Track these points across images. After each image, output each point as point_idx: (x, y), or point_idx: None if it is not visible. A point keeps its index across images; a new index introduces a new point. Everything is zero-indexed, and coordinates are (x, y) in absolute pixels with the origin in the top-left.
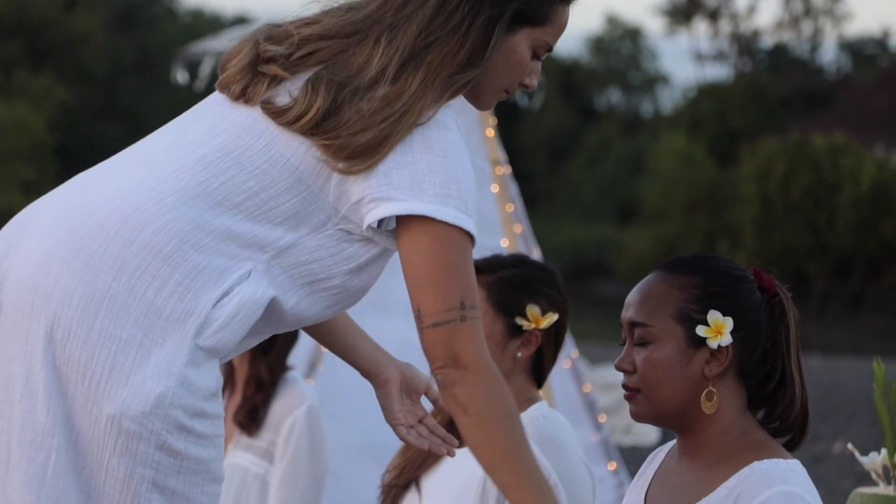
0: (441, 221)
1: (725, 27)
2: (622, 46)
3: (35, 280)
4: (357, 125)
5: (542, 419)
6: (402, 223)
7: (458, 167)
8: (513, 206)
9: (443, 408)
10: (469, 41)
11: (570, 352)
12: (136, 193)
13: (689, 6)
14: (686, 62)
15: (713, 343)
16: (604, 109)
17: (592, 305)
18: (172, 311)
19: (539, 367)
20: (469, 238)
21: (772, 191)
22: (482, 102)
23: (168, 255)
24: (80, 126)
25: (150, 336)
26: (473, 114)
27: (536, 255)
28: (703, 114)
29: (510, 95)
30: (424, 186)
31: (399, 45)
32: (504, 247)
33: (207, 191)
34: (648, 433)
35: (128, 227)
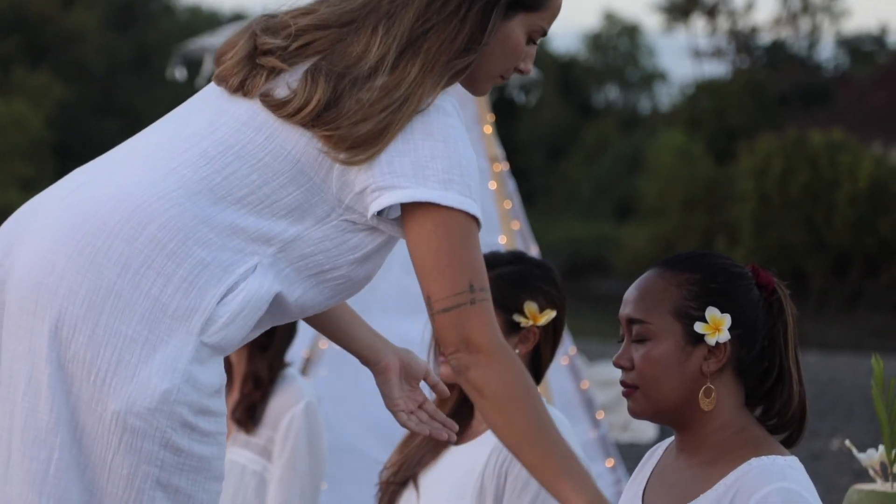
0: (445, 206)
1: (723, 24)
2: (620, 43)
3: (39, 278)
4: (357, 115)
5: None
6: (407, 210)
7: (460, 152)
8: (510, 203)
9: (443, 393)
10: (466, 27)
11: (568, 348)
12: (139, 189)
13: (687, 3)
14: (684, 59)
15: (711, 340)
16: (602, 106)
17: (590, 302)
18: (178, 308)
19: (537, 364)
20: (474, 221)
21: (770, 188)
22: (478, 88)
23: (172, 252)
24: (78, 123)
25: (156, 332)
26: (471, 111)
27: (534, 252)
28: (701, 111)
29: (505, 81)
30: (427, 173)
31: (396, 34)
32: (502, 244)
33: (210, 186)
34: (646, 430)
35: (131, 224)
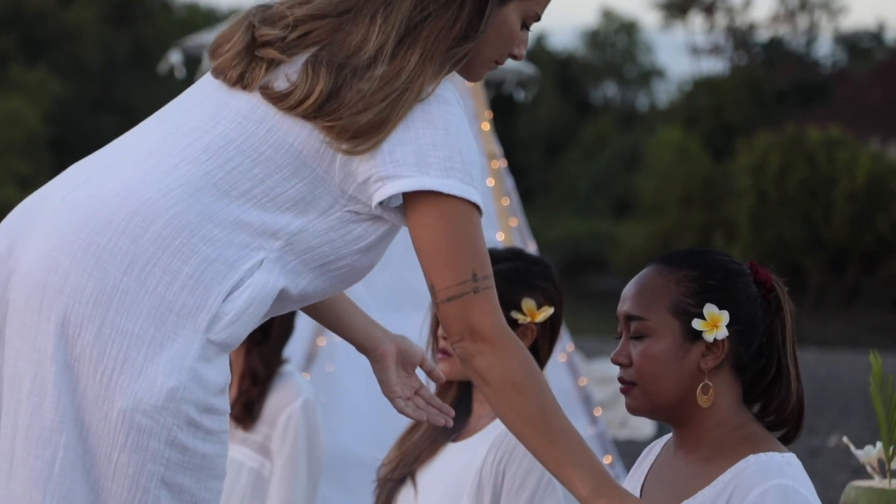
0: (447, 195)
1: (721, 21)
2: (618, 40)
3: (44, 276)
4: (359, 105)
5: None
6: (409, 199)
7: (461, 140)
8: (508, 200)
9: (438, 378)
10: (464, 14)
11: (566, 346)
12: (143, 186)
13: (685, 0)
14: (682, 56)
15: (709, 337)
16: (599, 103)
17: (588, 299)
18: (184, 306)
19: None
20: (476, 209)
21: (767, 184)
22: (473, 74)
23: (178, 249)
24: (75, 119)
25: (162, 330)
26: (469, 108)
27: (532, 249)
28: (699, 108)
29: (499, 65)
30: (429, 161)
31: (395, 22)
32: (500, 240)
33: (213, 181)
34: (644, 427)
35: (136, 221)
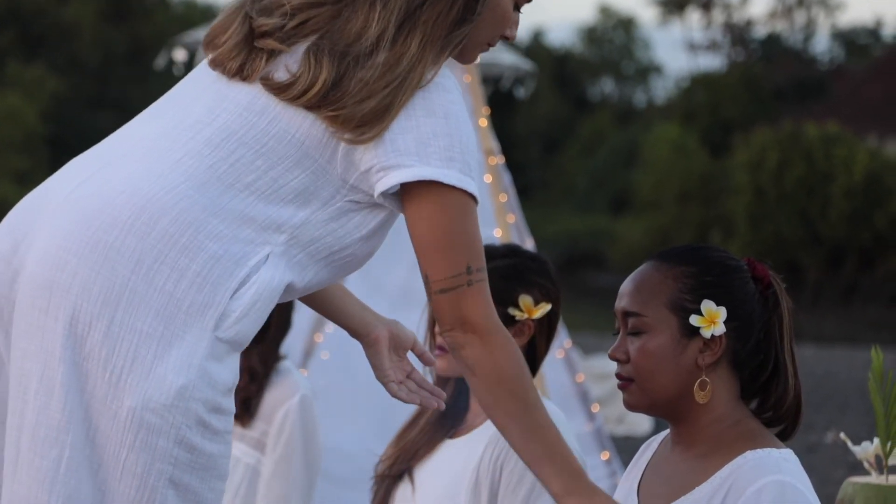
0: (446, 185)
1: (718, 17)
2: (615, 36)
3: (50, 275)
4: (362, 93)
5: None
6: (408, 187)
7: (461, 129)
8: (506, 197)
9: (429, 362)
10: None
11: (563, 342)
12: (147, 182)
13: None
14: (679, 52)
15: (706, 333)
16: (597, 100)
17: (585, 295)
18: (192, 303)
19: (532, 357)
20: (472, 199)
21: (765, 181)
22: (466, 57)
23: (185, 246)
24: (73, 116)
25: (171, 328)
26: (467, 104)
27: (530, 246)
28: (697, 104)
29: (491, 48)
30: (430, 150)
31: (394, 7)
32: (497, 237)
33: (217, 174)
34: (641, 423)
35: (143, 219)
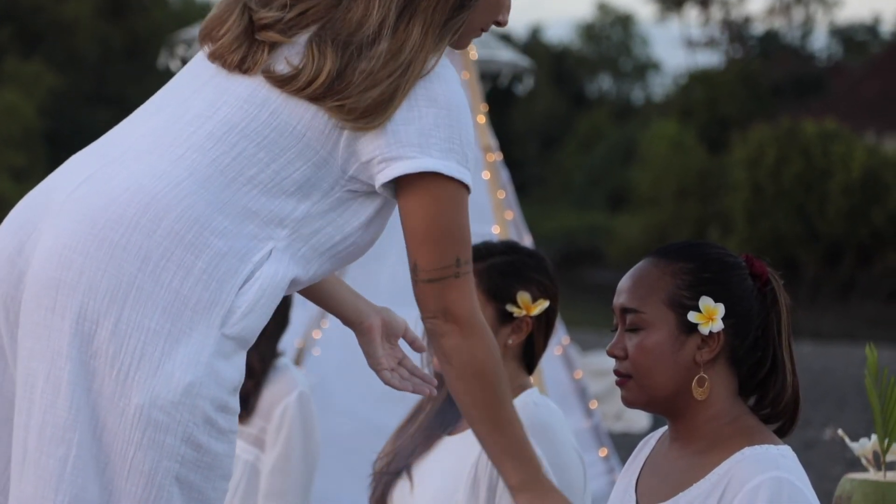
0: (444, 176)
1: (716, 14)
2: (613, 33)
3: (56, 274)
4: (366, 83)
5: (534, 406)
6: (405, 177)
7: (462, 120)
8: (504, 193)
9: (420, 348)
10: None
11: (561, 338)
12: (151, 179)
13: None
14: (677, 49)
15: (705, 329)
16: (595, 96)
17: (583, 292)
18: (199, 301)
19: (530, 354)
20: (467, 190)
21: (762, 178)
22: (460, 43)
23: (190, 243)
24: (70, 112)
25: (178, 325)
26: None
27: (528, 242)
28: (694, 100)
29: (484, 33)
30: (431, 141)
31: None
32: (495, 234)
33: (220, 168)
34: (639, 419)
35: (148, 216)
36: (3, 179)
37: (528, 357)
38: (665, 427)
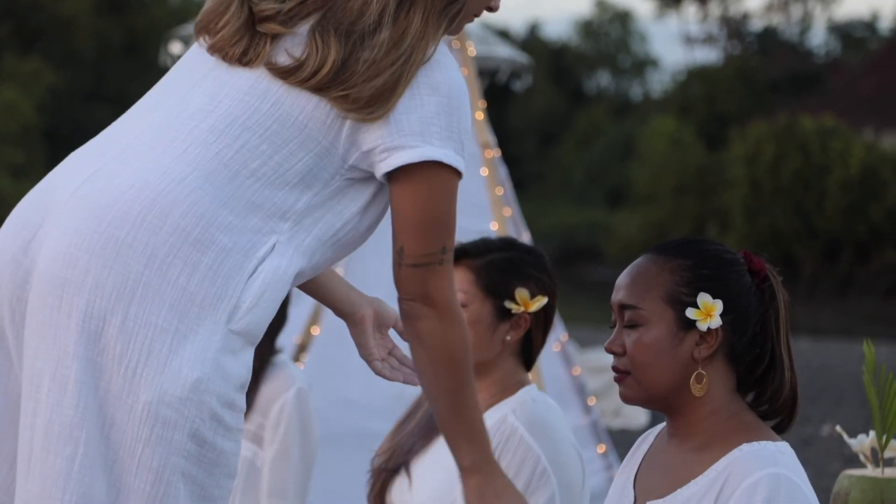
0: (443, 164)
1: (715, 10)
2: (612, 30)
3: (62, 273)
4: (369, 72)
5: (532, 402)
6: (404, 164)
7: (462, 107)
8: (502, 190)
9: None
10: None
11: (560, 335)
12: (156, 176)
13: None
14: (675, 45)
15: (703, 326)
16: (593, 93)
17: (582, 289)
18: (205, 297)
19: (528, 351)
20: (459, 177)
21: (761, 174)
22: (455, 29)
23: (196, 239)
24: (69, 109)
25: (186, 322)
26: None
27: (526, 239)
28: (693, 97)
29: (476, 18)
30: (432, 129)
31: None
32: (493, 230)
33: (224, 161)
34: (637, 416)
35: (154, 213)
36: (2, 177)
37: (527, 353)
38: (663, 423)
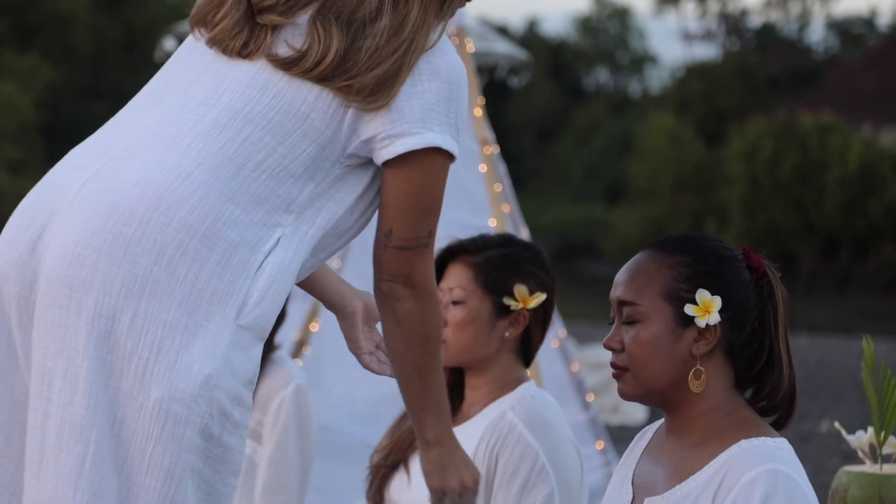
0: (441, 150)
1: (713, 6)
2: (610, 26)
3: (69, 272)
4: (372, 60)
5: (531, 399)
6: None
7: (461, 93)
8: (501, 186)
9: None
10: None
11: (558, 331)
12: (161, 173)
13: None
14: (674, 42)
15: (701, 322)
16: (592, 89)
17: (580, 285)
18: (214, 293)
19: (527, 347)
20: (452, 161)
21: (759, 171)
22: (450, 12)
23: (204, 235)
24: (67, 105)
25: (195, 318)
26: None
27: (524, 235)
28: (691, 93)
29: (467, 2)
30: (433, 115)
31: None
32: (492, 227)
33: (228, 155)
34: (636, 412)
35: (161, 209)
36: (0, 173)
37: (525, 350)
38: (662, 420)
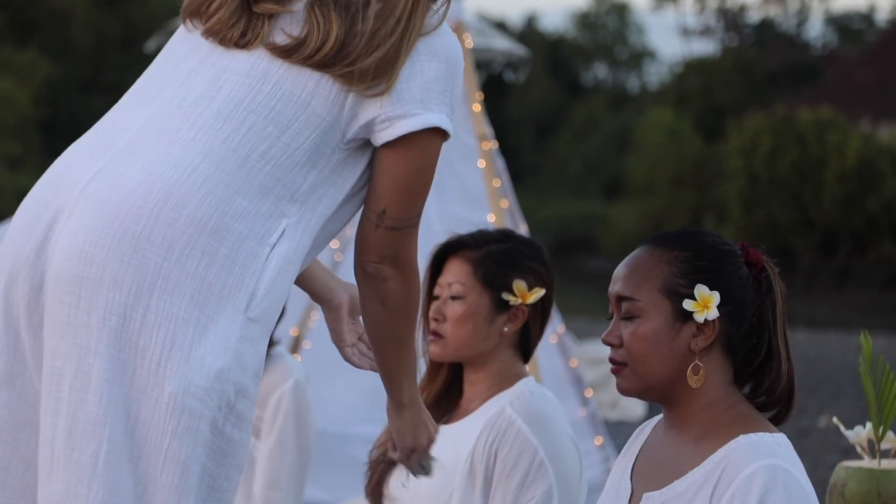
0: (439, 129)
1: (712, 2)
2: (609, 21)
3: (78, 271)
4: (371, 44)
5: (530, 394)
6: None
7: (458, 72)
8: (499, 182)
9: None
10: None
11: (557, 327)
12: (167, 167)
13: None
14: (673, 37)
15: (700, 317)
16: (590, 85)
17: (579, 280)
18: (224, 286)
19: (526, 343)
20: (447, 139)
21: (758, 166)
22: None
23: (213, 229)
24: (65, 101)
25: (206, 312)
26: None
27: (523, 231)
28: (690, 89)
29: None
30: (431, 95)
31: None
32: (491, 222)
33: (232, 147)
34: (635, 408)
35: (170, 205)
36: None
37: (524, 345)
38: (660, 415)
